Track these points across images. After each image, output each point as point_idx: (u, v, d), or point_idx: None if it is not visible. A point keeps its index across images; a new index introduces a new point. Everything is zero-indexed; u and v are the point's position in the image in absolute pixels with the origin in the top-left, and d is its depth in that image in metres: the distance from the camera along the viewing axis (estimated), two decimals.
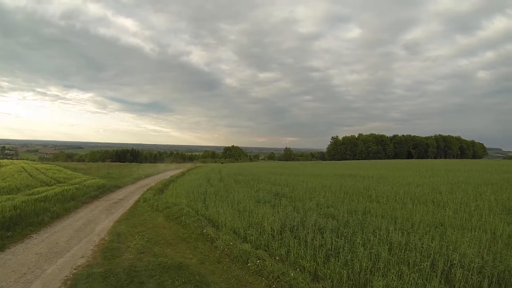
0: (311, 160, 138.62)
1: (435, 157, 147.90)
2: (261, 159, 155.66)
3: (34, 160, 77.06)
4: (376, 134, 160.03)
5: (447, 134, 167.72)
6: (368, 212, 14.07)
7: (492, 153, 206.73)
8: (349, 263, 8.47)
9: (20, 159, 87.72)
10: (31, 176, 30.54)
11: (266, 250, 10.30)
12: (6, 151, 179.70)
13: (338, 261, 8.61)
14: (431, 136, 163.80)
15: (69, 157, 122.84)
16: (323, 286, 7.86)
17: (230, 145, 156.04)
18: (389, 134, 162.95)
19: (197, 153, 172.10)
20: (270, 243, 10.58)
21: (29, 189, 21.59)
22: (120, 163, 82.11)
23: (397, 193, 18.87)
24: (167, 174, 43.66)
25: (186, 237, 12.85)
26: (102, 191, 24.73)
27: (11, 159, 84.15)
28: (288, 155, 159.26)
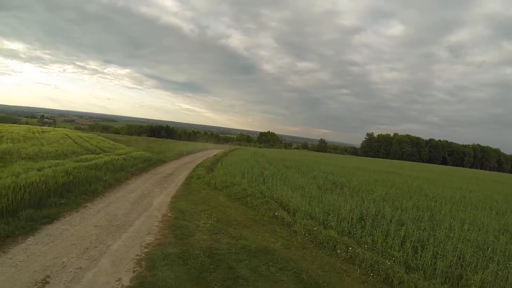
0: (344, 154, 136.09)
1: (471, 167, 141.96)
2: (294, 148, 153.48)
3: (71, 129, 77.02)
4: (412, 135, 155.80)
5: (486, 145, 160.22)
6: (432, 209, 14.06)
7: None
8: (439, 256, 8.47)
9: (58, 127, 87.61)
10: (76, 143, 29.70)
11: (350, 238, 9.88)
12: (45, 119, 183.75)
13: (427, 253, 8.49)
14: (469, 145, 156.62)
15: (105, 129, 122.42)
16: (418, 277, 7.61)
17: (263, 131, 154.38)
18: (424, 137, 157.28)
19: (231, 135, 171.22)
20: (352, 231, 10.32)
21: (76, 156, 20.36)
22: (156, 138, 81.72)
23: (453, 196, 18.90)
24: (209, 153, 42.71)
25: (259, 220, 12.06)
26: (148, 164, 23.57)
27: (49, 126, 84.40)
28: (323, 146, 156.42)
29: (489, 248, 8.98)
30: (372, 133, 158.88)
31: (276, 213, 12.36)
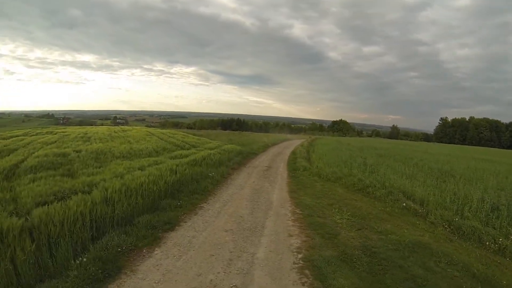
0: (416, 141, 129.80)
1: None
2: (366, 136, 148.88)
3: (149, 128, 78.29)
4: (490, 119, 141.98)
5: None
6: None
7: None
8: None
9: (130, 126, 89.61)
10: (161, 139, 29.57)
11: (495, 229, 9.10)
12: (118, 120, 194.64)
13: None
14: None
15: (176, 125, 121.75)
16: None
17: (332, 119, 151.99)
18: (503, 120, 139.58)
19: (301, 125, 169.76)
20: (490, 221, 9.58)
21: (168, 152, 19.99)
22: (232, 131, 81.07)
23: None
24: (292, 143, 41.80)
25: (390, 212, 11.04)
26: (242, 157, 22.37)
27: (123, 126, 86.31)
28: (395, 133, 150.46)
29: None
30: (446, 117, 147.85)
31: (404, 204, 11.50)
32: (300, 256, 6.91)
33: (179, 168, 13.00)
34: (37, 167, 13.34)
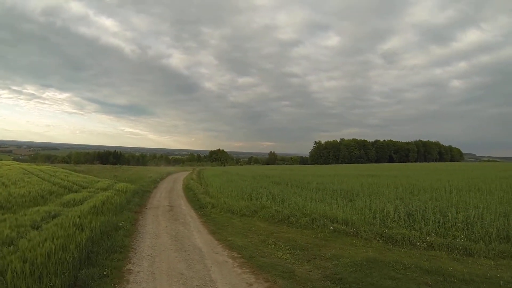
0: (293, 164, 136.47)
1: (415, 161, 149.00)
2: (244, 163, 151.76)
3: (17, 162, 67.02)
4: (358, 139, 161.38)
5: (426, 140, 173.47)
6: (446, 199, 15.11)
7: (467, 158, 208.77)
8: (485, 227, 10.37)
9: None
10: (43, 180, 24.63)
11: (416, 231, 10.88)
12: None
13: (477, 227, 10.40)
14: (412, 142, 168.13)
15: (48, 159, 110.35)
16: (481, 245, 9.38)
17: (206, 149, 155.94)
18: (367, 139, 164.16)
19: (179, 156, 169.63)
20: (411, 226, 11.33)
21: (57, 197, 16.45)
22: (111, 165, 76.39)
23: (444, 186, 20.23)
24: (179, 177, 41.96)
25: (323, 237, 11.36)
26: (139, 197, 20.37)
27: None
28: (273, 159, 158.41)
29: (510, 215, 11.12)
30: (320, 141, 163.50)
31: (332, 227, 12.01)
32: None
33: (83, 220, 10.50)
34: None
